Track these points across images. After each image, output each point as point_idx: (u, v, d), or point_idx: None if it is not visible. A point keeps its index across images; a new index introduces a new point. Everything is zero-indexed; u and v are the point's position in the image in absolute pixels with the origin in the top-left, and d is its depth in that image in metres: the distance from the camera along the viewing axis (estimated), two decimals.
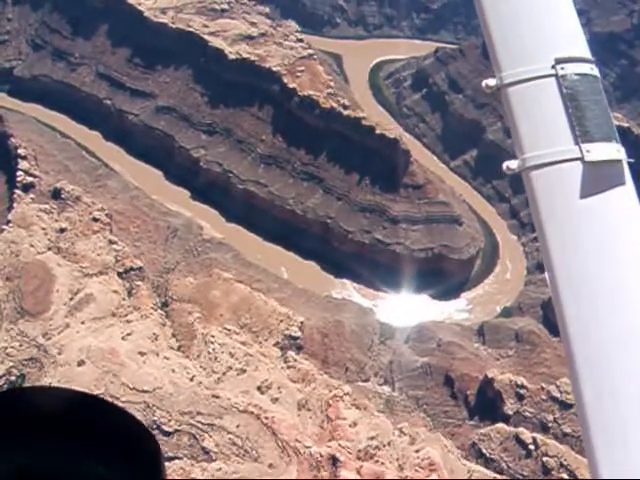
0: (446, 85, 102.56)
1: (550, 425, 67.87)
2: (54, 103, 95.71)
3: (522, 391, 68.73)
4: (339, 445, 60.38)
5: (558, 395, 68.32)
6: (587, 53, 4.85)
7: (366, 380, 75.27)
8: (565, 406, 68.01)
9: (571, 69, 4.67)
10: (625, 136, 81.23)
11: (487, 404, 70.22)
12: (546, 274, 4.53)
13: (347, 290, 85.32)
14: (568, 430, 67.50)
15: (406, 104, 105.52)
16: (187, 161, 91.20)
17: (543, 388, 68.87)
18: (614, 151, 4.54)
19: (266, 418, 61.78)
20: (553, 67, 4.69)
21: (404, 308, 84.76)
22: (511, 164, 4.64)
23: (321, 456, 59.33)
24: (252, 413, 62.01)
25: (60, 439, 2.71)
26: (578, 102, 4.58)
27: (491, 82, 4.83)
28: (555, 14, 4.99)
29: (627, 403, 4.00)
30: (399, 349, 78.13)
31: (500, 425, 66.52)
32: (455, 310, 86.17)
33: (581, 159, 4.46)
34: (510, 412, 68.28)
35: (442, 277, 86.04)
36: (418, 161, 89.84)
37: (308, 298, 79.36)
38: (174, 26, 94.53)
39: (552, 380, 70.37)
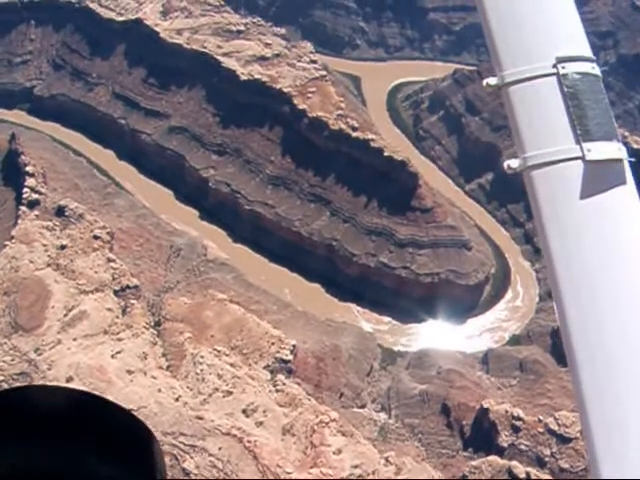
0: (463, 107, 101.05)
1: (547, 460, 65.23)
2: (71, 122, 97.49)
3: (518, 423, 66.22)
4: (320, 472, 59.15)
5: (556, 428, 65.67)
6: (588, 52, 4.83)
7: (362, 406, 73.75)
8: (563, 440, 65.35)
9: (572, 68, 4.68)
10: None
11: (482, 435, 67.98)
12: (547, 274, 4.52)
13: (351, 314, 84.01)
14: (566, 465, 64.80)
15: (422, 126, 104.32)
16: (196, 181, 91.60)
17: (541, 420, 66.30)
18: (615, 150, 4.54)
19: (249, 442, 60.92)
20: (554, 66, 4.68)
21: (408, 334, 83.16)
22: (512, 163, 4.62)
23: None
24: (235, 436, 61.22)
25: (60, 438, 2.67)
26: (579, 101, 4.59)
27: (492, 81, 4.81)
28: (556, 13, 4.98)
29: (628, 402, 4.00)
30: (398, 375, 76.42)
31: (492, 458, 64.15)
32: (462, 337, 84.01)
33: (582, 158, 4.46)
34: (505, 444, 65.87)
35: (449, 303, 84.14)
36: (428, 184, 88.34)
37: (307, 321, 78.39)
38: (188, 47, 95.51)
39: (554, 412, 67.74)
